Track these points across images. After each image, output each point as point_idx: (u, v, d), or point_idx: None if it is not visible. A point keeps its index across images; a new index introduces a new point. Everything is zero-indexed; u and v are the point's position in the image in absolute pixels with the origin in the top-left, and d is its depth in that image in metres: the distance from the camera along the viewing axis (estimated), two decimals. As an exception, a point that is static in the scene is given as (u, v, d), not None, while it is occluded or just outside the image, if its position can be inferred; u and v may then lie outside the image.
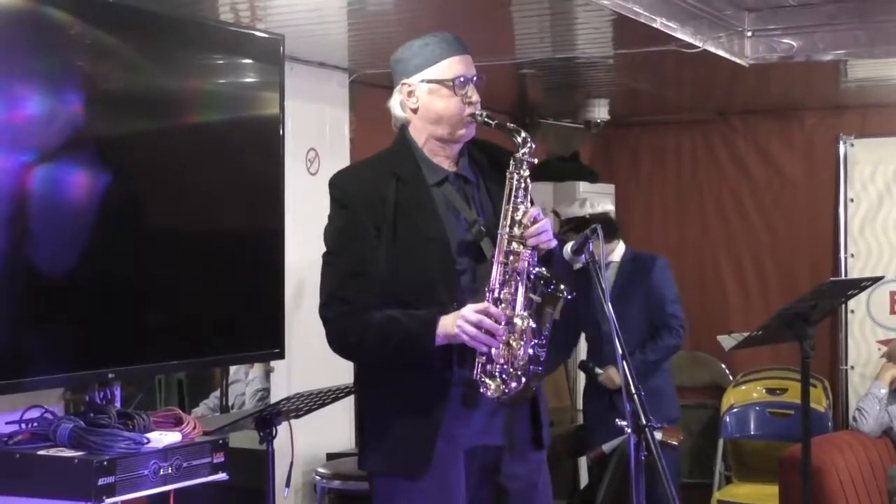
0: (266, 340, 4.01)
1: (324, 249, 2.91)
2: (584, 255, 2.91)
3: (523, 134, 2.84)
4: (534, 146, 2.84)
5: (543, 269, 2.78)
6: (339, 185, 2.90)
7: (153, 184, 3.58)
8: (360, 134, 5.47)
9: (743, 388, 6.57)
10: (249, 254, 3.94)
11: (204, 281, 3.75)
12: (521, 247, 2.76)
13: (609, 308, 2.77)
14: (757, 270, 6.99)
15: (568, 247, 2.98)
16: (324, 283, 2.87)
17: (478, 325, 2.68)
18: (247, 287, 3.91)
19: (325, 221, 2.95)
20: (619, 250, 5.10)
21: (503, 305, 2.74)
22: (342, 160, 5.32)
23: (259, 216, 4.00)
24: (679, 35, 4.46)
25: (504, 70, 5.31)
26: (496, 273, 2.76)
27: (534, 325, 2.76)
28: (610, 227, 4.98)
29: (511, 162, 2.83)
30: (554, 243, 2.83)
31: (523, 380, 2.75)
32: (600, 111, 6.59)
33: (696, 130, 7.25)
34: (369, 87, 5.47)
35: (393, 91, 2.93)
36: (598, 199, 5.18)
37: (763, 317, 5.40)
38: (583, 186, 6.81)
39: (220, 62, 3.93)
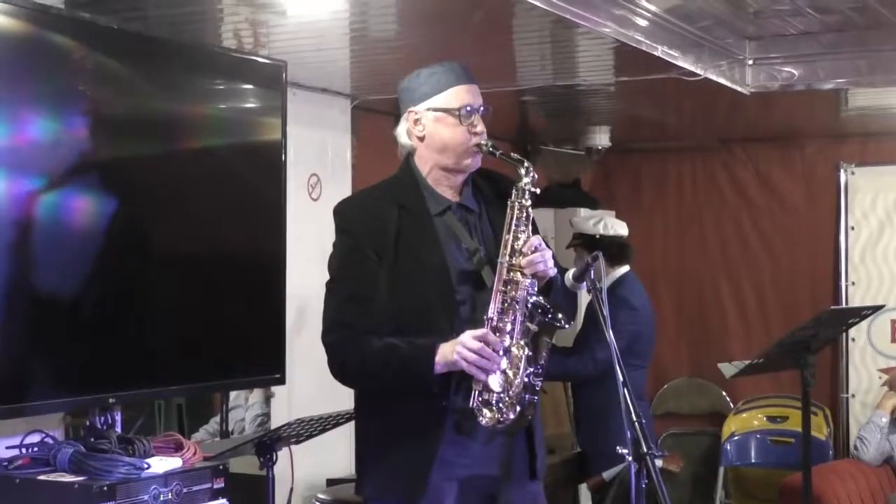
0: (267, 365, 4.01)
1: (326, 274, 2.92)
2: (585, 282, 2.91)
3: (526, 164, 2.85)
4: (536, 176, 2.85)
5: (541, 298, 2.78)
6: (343, 213, 2.92)
7: (155, 208, 3.59)
8: (362, 159, 5.48)
9: (744, 415, 6.56)
10: (251, 278, 3.94)
11: (205, 306, 3.74)
12: (520, 276, 2.77)
13: (610, 335, 2.76)
14: (757, 297, 6.99)
15: (570, 273, 2.99)
16: (326, 310, 2.88)
17: (476, 352, 2.68)
18: (248, 312, 3.91)
19: (327, 246, 2.96)
20: (620, 273, 5.07)
21: (501, 334, 2.75)
22: (344, 185, 5.33)
23: (260, 241, 4.01)
24: (680, 63, 4.48)
25: (505, 97, 5.32)
26: (495, 301, 2.77)
27: (530, 354, 2.76)
28: (619, 251, 4.98)
29: (513, 191, 2.85)
30: (553, 272, 2.83)
31: (518, 409, 2.75)
32: (601, 138, 6.61)
33: (696, 158, 7.27)
34: (371, 113, 5.49)
35: (399, 118, 2.94)
36: (613, 222, 5.17)
37: (763, 344, 5.40)
38: (583, 213, 6.81)
39: (223, 88, 3.95)
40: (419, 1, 3.71)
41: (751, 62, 4.88)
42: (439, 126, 2.87)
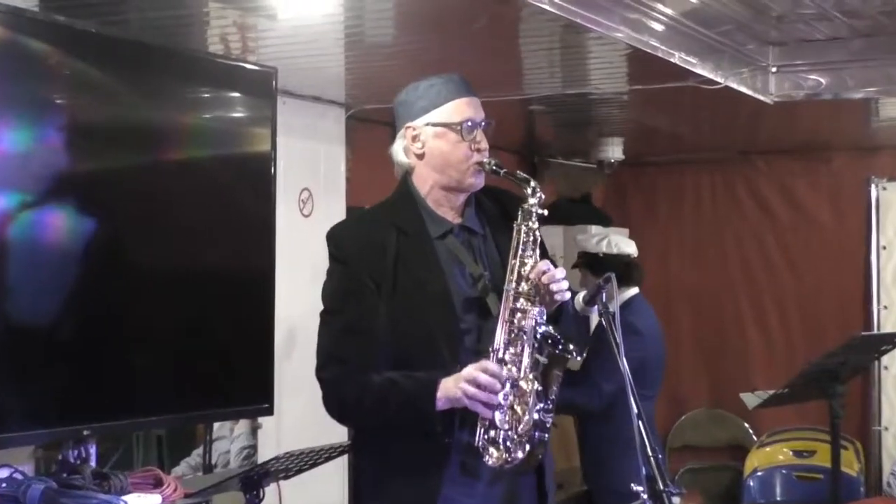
0: (254, 394, 4.00)
1: (318, 295, 2.92)
2: (596, 306, 2.91)
3: (533, 183, 2.85)
4: (543, 197, 2.84)
5: (551, 328, 2.77)
6: (337, 239, 2.91)
7: (137, 226, 3.59)
8: (357, 173, 5.49)
9: (768, 449, 6.54)
10: (237, 301, 3.94)
11: (188, 330, 3.74)
12: (528, 304, 2.76)
13: (624, 363, 2.76)
14: (781, 322, 6.98)
15: (580, 297, 2.99)
16: (321, 344, 2.87)
17: (480, 386, 2.68)
18: (234, 337, 3.91)
19: (319, 265, 2.96)
20: (627, 295, 5.06)
21: (508, 367, 2.74)
22: (337, 201, 5.33)
23: (248, 260, 4.00)
24: (699, 70, 4.49)
25: (511, 106, 5.33)
26: (501, 332, 2.76)
27: (539, 388, 2.76)
28: (625, 272, 4.97)
29: (519, 212, 2.84)
30: (566, 297, 2.83)
31: (528, 447, 2.74)
32: (614, 150, 6.62)
33: (716, 171, 7.28)
34: (367, 124, 5.49)
35: (395, 135, 2.94)
36: (620, 239, 5.16)
37: (788, 371, 5.38)
38: (595, 230, 6.81)
39: (209, 96, 3.96)
40: (418, 4, 3.72)
41: (774, 70, 4.89)
42: (439, 142, 2.86)
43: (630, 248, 5.11)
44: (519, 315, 2.77)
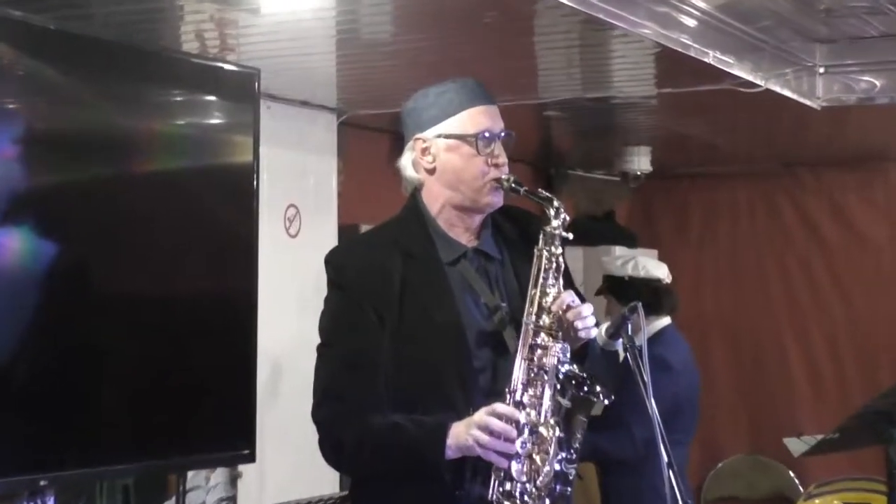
0: (234, 438, 3.98)
1: (305, 326, 2.91)
2: (621, 338, 2.90)
3: (556, 204, 2.83)
4: (567, 218, 2.83)
5: (575, 366, 2.76)
6: (336, 264, 2.90)
7: (101, 248, 3.57)
8: (351, 187, 5.49)
9: (817, 501, 6.51)
10: (215, 332, 3.93)
11: (159, 366, 3.73)
12: (550, 339, 2.75)
13: (652, 405, 2.75)
14: (831, 357, 6.97)
15: (602, 328, 2.98)
16: (317, 380, 2.86)
17: (494, 433, 2.67)
18: (211, 373, 3.89)
19: (308, 293, 2.96)
20: (657, 326, 5.05)
21: (527, 411, 2.73)
22: (328, 219, 5.33)
23: (227, 286, 4.00)
24: (736, 71, 4.49)
25: (525, 112, 5.34)
26: (519, 371, 2.74)
27: (562, 435, 2.74)
28: (655, 298, 4.95)
29: (540, 236, 2.83)
30: (593, 334, 2.81)
31: (548, 502, 2.73)
32: (640, 161, 6.62)
33: (756, 185, 7.28)
34: (361, 131, 5.51)
35: (404, 147, 2.94)
36: (648, 262, 5.14)
37: (839, 413, 5.37)
38: (619, 251, 6.81)
39: (183, 100, 3.96)
40: (420, -4, 3.74)
41: (822, 70, 4.89)
42: (452, 156, 2.85)
43: (660, 271, 5.09)
44: (539, 352, 2.75)
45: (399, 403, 2.76)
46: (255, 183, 4.09)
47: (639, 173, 6.67)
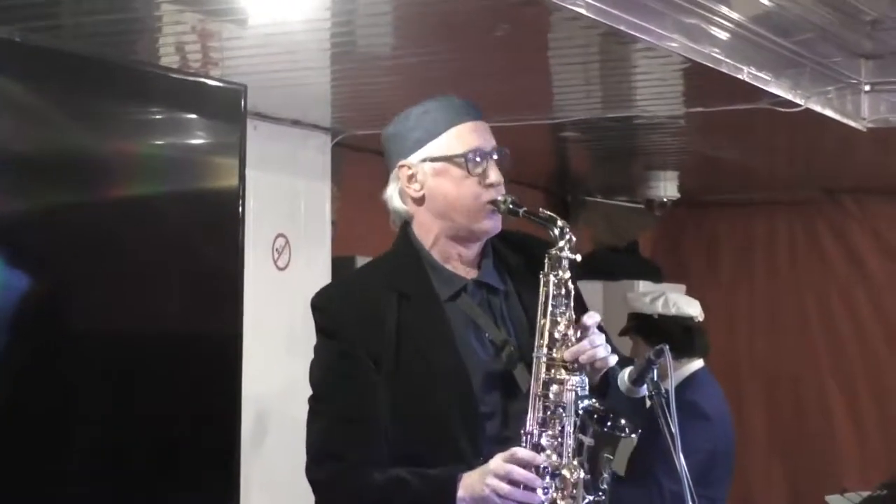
0: (216, 492, 3.98)
1: (293, 368, 2.91)
2: (646, 385, 2.90)
3: (560, 223, 2.83)
4: (574, 239, 2.84)
5: (595, 400, 2.76)
6: (324, 309, 2.90)
7: (71, 282, 3.58)
8: (346, 215, 5.50)
9: (861, 564, 6.49)
10: (195, 376, 3.92)
11: (135, 410, 3.73)
12: (565, 372, 2.75)
13: (680, 459, 2.74)
14: (877, 405, 6.95)
15: (625, 374, 2.97)
16: (310, 438, 2.86)
17: (513, 481, 2.66)
18: (192, 419, 3.89)
19: (298, 331, 2.96)
20: (689, 369, 5.04)
21: (547, 453, 2.72)
22: (321, 250, 5.33)
23: (210, 324, 3.99)
24: (773, 89, 4.50)
25: (539, 132, 5.35)
26: (533, 410, 2.74)
27: (587, 477, 2.74)
28: (687, 339, 4.95)
29: (545, 260, 2.83)
30: (612, 361, 2.81)
31: (574, 555, 2.73)
32: (667, 187, 6.63)
33: (794, 214, 7.28)
34: (358, 154, 5.51)
35: (389, 177, 2.94)
36: (678, 298, 5.14)
37: (886, 469, 5.35)
38: (644, 287, 6.81)
39: (162, 119, 3.96)
40: (423, 7, 3.73)
41: (867, 88, 4.91)
42: (441, 181, 2.86)
43: (692, 308, 5.09)
44: (555, 387, 2.75)
45: (401, 457, 2.77)
46: (240, 210, 4.09)
47: (665, 201, 6.68)
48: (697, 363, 5.01)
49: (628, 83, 4.69)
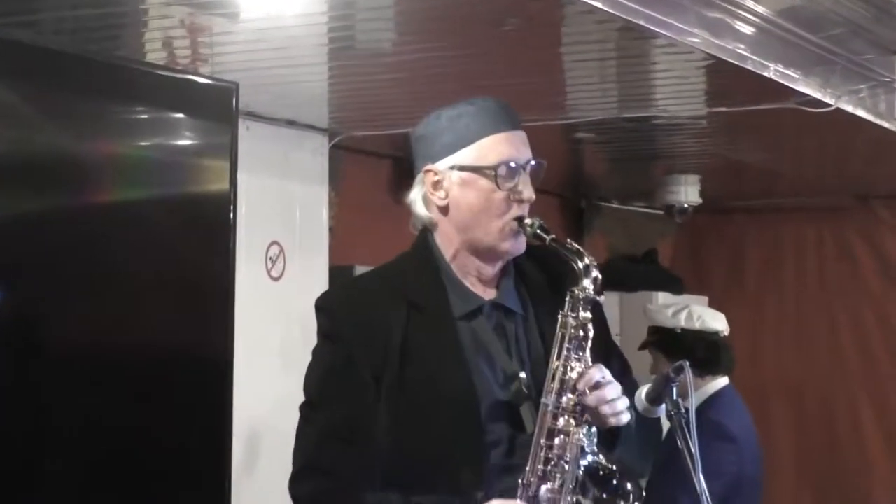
0: (203, 519, 3.99)
1: (288, 386, 2.91)
2: (665, 404, 2.89)
3: (587, 260, 2.80)
4: (600, 278, 2.81)
5: (602, 457, 2.75)
6: (328, 311, 2.90)
7: (50, 293, 3.57)
8: (345, 220, 5.50)
9: None
10: (183, 393, 3.91)
11: (118, 434, 3.73)
12: (573, 423, 2.74)
13: (701, 482, 2.74)
14: (915, 425, 6.95)
15: (642, 392, 2.96)
16: (299, 447, 2.85)
17: None
18: (179, 440, 3.89)
19: (293, 346, 2.96)
20: (714, 387, 5.03)
21: (543, 509, 2.73)
22: (317, 259, 5.33)
23: (199, 338, 3.99)
24: (801, 88, 4.50)
25: (551, 134, 5.35)
26: (535, 460, 2.73)
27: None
28: (712, 355, 4.95)
29: (567, 299, 2.81)
30: (625, 419, 2.79)
31: None
32: (688, 192, 6.63)
33: (824, 221, 7.28)
34: (358, 155, 5.52)
35: (414, 180, 2.94)
36: (703, 311, 5.14)
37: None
38: (661, 299, 6.81)
39: (148, 119, 3.96)
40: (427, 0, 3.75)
41: (901, 87, 4.92)
42: (467, 192, 2.85)
43: (718, 322, 5.09)
44: (560, 438, 2.74)
45: (394, 481, 2.76)
46: (231, 216, 4.09)
47: (685, 207, 6.67)
48: (722, 381, 5.01)
49: (647, 81, 4.69)
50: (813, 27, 4.34)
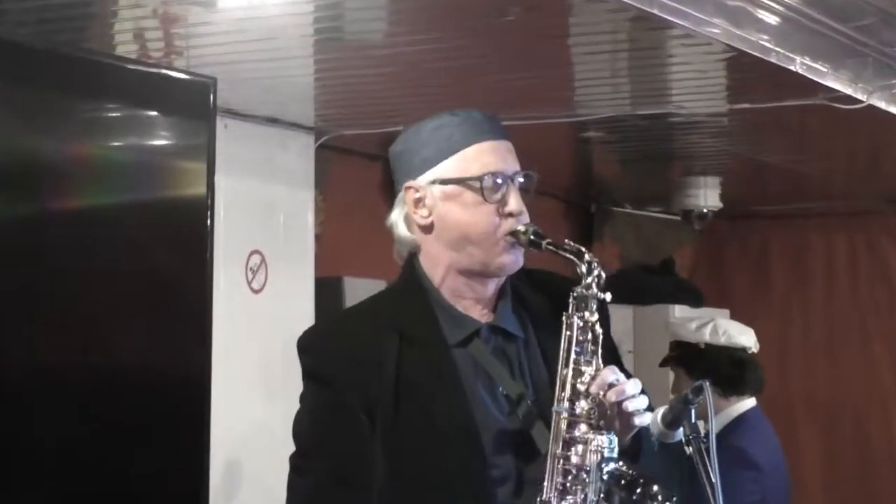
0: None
1: (271, 409, 2.91)
2: (683, 428, 2.89)
3: (587, 257, 2.80)
4: (603, 275, 2.82)
5: (622, 463, 2.75)
6: (313, 351, 2.89)
7: (12, 306, 3.58)
8: (332, 227, 5.49)
9: None
10: (157, 414, 3.92)
11: (85, 462, 3.73)
12: (590, 431, 2.74)
13: (720, 509, 2.74)
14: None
15: (658, 415, 2.97)
16: (291, 499, 2.85)
17: None
18: (151, 471, 3.89)
19: (274, 365, 2.96)
20: (738, 409, 5.04)
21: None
22: (302, 269, 5.33)
23: (173, 358, 3.99)
24: (830, 82, 4.51)
25: (558, 132, 5.35)
26: (552, 475, 2.72)
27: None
28: (737, 373, 4.95)
29: (570, 300, 2.81)
30: (646, 419, 2.79)
31: None
32: (707, 196, 6.63)
33: (856, 227, 7.28)
34: (346, 156, 5.52)
35: (395, 198, 2.94)
36: (728, 325, 5.13)
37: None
38: (679, 312, 6.81)
39: (118, 116, 3.97)
40: (423, -13, 3.77)
41: (940, 82, 4.92)
42: (452, 206, 2.84)
43: (746, 338, 5.08)
44: (577, 448, 2.73)
45: None
46: (208, 223, 4.10)
47: (705, 212, 6.67)
48: (748, 402, 5.00)
49: (662, 76, 4.70)
50: (843, 16, 4.34)
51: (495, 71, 4.34)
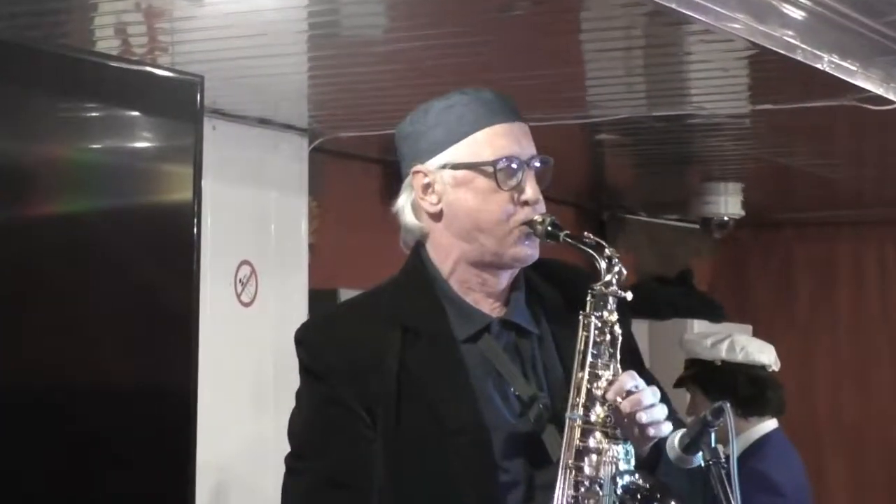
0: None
1: (261, 428, 2.91)
2: (702, 452, 2.89)
3: (608, 251, 2.81)
4: (625, 272, 2.83)
5: (638, 476, 2.75)
6: (311, 346, 2.90)
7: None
8: (327, 236, 5.50)
9: None
10: (140, 435, 3.92)
11: (69, 482, 3.73)
12: (605, 440, 2.75)
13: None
14: None
15: (675, 438, 2.97)
16: (285, 502, 2.87)
17: None
18: (137, 487, 3.88)
19: (265, 381, 2.96)
20: (759, 432, 5.05)
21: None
22: (295, 281, 5.33)
23: (158, 374, 3.99)
24: (859, 82, 4.51)
25: (569, 135, 5.36)
26: (563, 486, 2.72)
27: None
28: (757, 393, 4.95)
29: (588, 298, 2.82)
30: (666, 430, 2.80)
31: None
32: (728, 203, 6.63)
33: (886, 236, 7.29)
34: (343, 160, 5.53)
35: (401, 185, 2.94)
36: (748, 341, 5.14)
37: None
38: (697, 327, 6.81)
39: (98, 117, 3.97)
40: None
41: (977, 81, 4.92)
42: (463, 193, 2.85)
43: (766, 355, 5.09)
44: (591, 458, 2.74)
45: None
46: (195, 231, 4.10)
47: (725, 220, 6.68)
48: (770, 424, 5.01)
49: (680, 74, 4.71)
50: (873, 11, 4.35)
51: (502, 69, 4.35)
